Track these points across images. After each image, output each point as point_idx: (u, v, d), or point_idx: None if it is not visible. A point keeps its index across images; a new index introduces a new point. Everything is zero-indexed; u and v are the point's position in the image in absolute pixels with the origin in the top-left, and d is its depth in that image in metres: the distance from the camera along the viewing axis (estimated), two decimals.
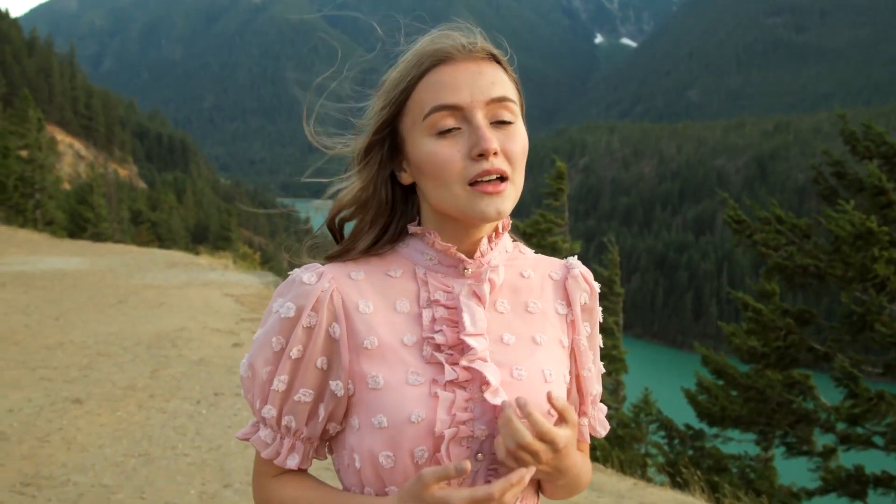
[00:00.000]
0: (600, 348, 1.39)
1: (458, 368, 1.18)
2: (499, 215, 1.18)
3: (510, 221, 1.31)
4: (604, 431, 1.39)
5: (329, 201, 1.35)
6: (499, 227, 1.28)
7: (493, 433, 1.18)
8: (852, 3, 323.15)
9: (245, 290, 12.68)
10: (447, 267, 1.25)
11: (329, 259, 1.28)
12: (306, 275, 1.22)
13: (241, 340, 8.92)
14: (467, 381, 1.18)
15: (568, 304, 1.34)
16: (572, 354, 1.34)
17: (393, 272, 1.26)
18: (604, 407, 1.40)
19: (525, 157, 1.22)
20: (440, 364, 1.19)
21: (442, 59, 1.19)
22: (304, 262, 1.28)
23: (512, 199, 1.20)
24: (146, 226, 54.78)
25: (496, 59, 1.23)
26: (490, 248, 1.26)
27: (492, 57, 1.22)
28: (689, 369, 13.40)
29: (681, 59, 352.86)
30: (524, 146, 1.21)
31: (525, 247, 1.37)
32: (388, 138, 1.24)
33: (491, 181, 1.16)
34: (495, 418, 1.17)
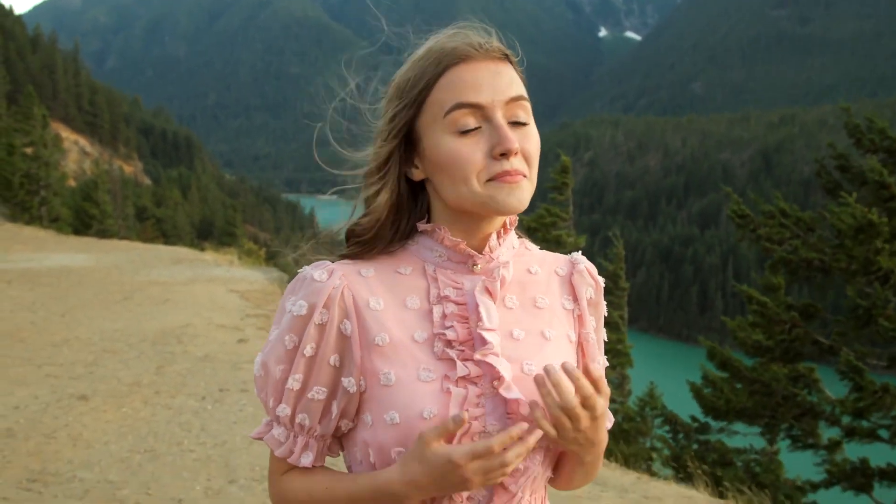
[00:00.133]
0: (604, 342, 1.40)
1: (469, 364, 1.19)
2: (520, 205, 1.18)
3: (517, 218, 1.31)
4: (608, 424, 1.39)
5: (332, 197, 1.35)
6: (507, 224, 1.29)
7: (505, 428, 1.18)
8: None
9: (250, 285, 12.71)
10: (456, 263, 1.25)
11: (346, 257, 1.28)
12: (317, 272, 1.22)
13: (246, 336, 8.93)
14: (479, 376, 1.19)
15: (574, 300, 1.35)
16: (580, 348, 1.35)
17: (403, 269, 1.26)
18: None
19: (539, 156, 1.23)
20: (451, 360, 1.19)
21: (461, 57, 1.19)
22: (315, 260, 1.28)
23: (529, 192, 1.21)
24: (151, 222, 54.78)
25: (508, 59, 1.23)
26: (498, 243, 1.27)
27: (505, 57, 1.23)
28: (694, 363, 13.40)
29: (685, 52, 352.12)
30: (538, 146, 1.22)
31: (530, 243, 1.38)
32: (404, 138, 1.24)
33: (511, 174, 1.17)
34: (507, 413, 1.18)
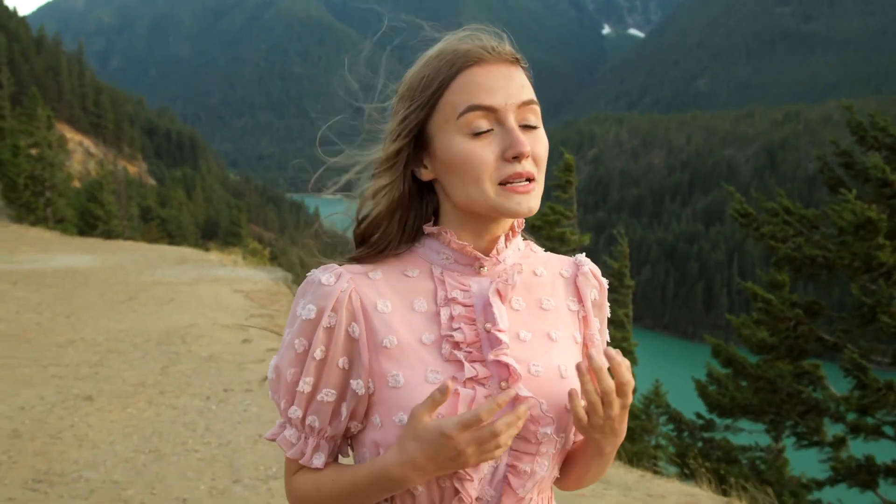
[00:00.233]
0: (609, 341, 1.42)
1: (477, 365, 1.20)
2: (529, 211, 1.20)
3: (524, 221, 1.32)
4: None
5: (336, 196, 1.36)
6: (514, 226, 1.30)
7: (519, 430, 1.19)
8: None
9: (254, 285, 12.72)
10: (463, 265, 1.27)
11: (352, 260, 1.29)
12: (325, 276, 1.23)
13: (251, 336, 8.95)
14: (486, 377, 1.20)
15: (579, 301, 1.36)
16: (586, 349, 1.36)
17: (410, 272, 1.27)
18: None
19: (546, 159, 1.24)
20: (459, 362, 1.20)
21: (474, 60, 1.20)
22: (321, 262, 1.29)
23: (539, 197, 1.22)
24: (156, 222, 54.91)
25: (519, 62, 1.25)
26: (505, 246, 1.28)
27: (516, 60, 1.24)
28: (699, 360, 13.39)
29: (689, 48, 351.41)
30: (547, 149, 1.24)
31: (535, 245, 1.39)
32: (414, 138, 1.25)
33: (521, 183, 1.19)
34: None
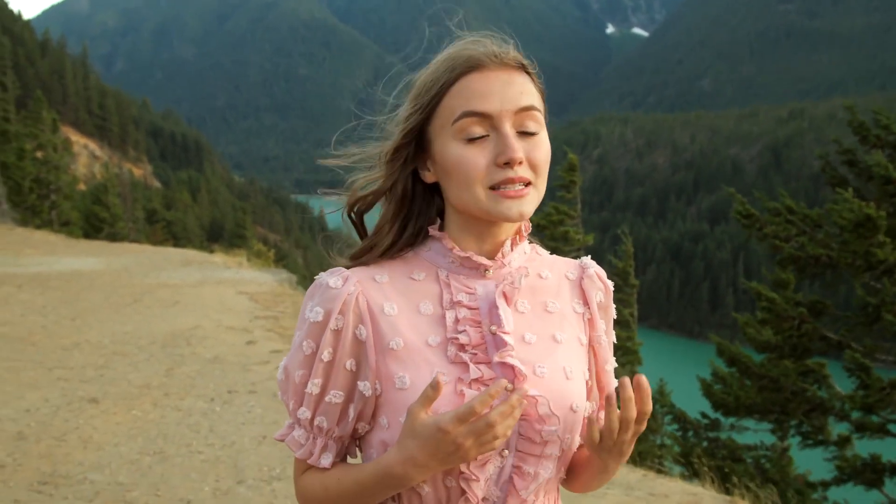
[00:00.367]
0: (614, 343, 1.42)
1: (482, 367, 1.21)
2: (521, 216, 1.21)
3: (531, 225, 1.34)
4: None
5: (339, 198, 1.38)
6: (521, 231, 1.31)
7: (516, 430, 1.21)
8: None
9: (259, 287, 12.73)
10: (469, 269, 1.28)
11: (354, 258, 1.32)
12: (332, 279, 1.25)
13: (255, 338, 8.97)
14: (491, 379, 1.21)
15: (585, 303, 1.37)
16: (592, 351, 1.37)
17: (416, 275, 1.29)
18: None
19: (548, 164, 1.25)
20: (465, 363, 1.21)
21: (474, 66, 1.21)
22: (330, 265, 1.32)
23: (534, 202, 1.23)
24: (161, 225, 54.94)
25: (525, 69, 1.25)
26: (511, 249, 1.29)
27: (521, 66, 1.25)
28: (705, 360, 13.37)
29: (693, 47, 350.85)
30: (548, 154, 1.24)
31: (541, 248, 1.41)
32: (415, 139, 1.27)
33: (513, 188, 1.20)
34: (521, 415, 1.20)
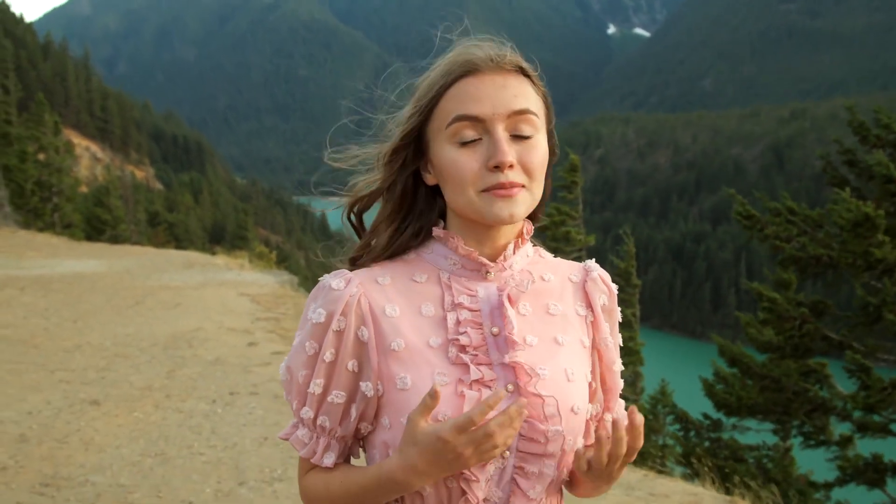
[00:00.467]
0: (620, 346, 1.43)
1: (483, 368, 1.22)
2: (511, 218, 1.21)
3: (533, 228, 1.35)
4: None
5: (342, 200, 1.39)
6: (523, 233, 1.32)
7: (520, 431, 1.22)
8: None
9: (260, 289, 12.74)
10: (470, 271, 1.29)
11: (352, 258, 1.33)
12: (335, 281, 1.26)
13: (256, 340, 8.98)
14: (492, 380, 1.22)
15: (588, 306, 1.37)
16: (598, 353, 1.37)
17: (418, 277, 1.29)
18: (623, 402, 1.45)
19: (544, 168, 1.25)
20: (465, 365, 1.22)
21: (470, 70, 1.22)
22: (334, 266, 1.33)
23: (527, 204, 1.23)
24: (163, 227, 54.97)
25: (524, 73, 1.25)
26: (513, 252, 1.30)
27: (520, 70, 1.25)
28: (708, 360, 13.38)
29: (694, 47, 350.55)
30: (543, 158, 1.24)
31: (545, 251, 1.41)
32: (415, 141, 1.29)
33: (504, 189, 1.20)
34: (520, 425, 1.21)
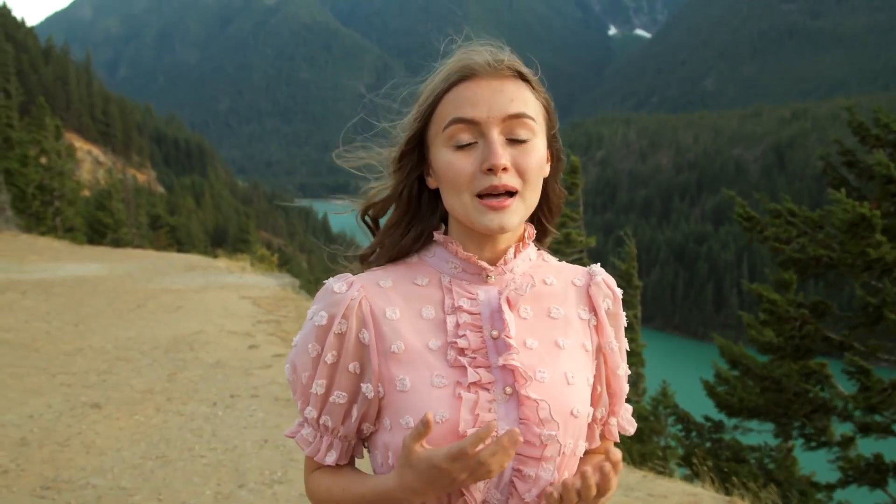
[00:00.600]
0: (627, 350, 1.43)
1: (481, 370, 1.23)
2: (502, 230, 1.22)
3: (535, 231, 1.36)
4: (632, 429, 1.43)
5: (344, 202, 1.43)
6: (525, 237, 1.33)
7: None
8: None
9: (262, 292, 12.75)
10: (471, 274, 1.30)
11: (362, 258, 1.37)
12: (337, 284, 1.28)
13: (258, 343, 8.99)
14: (490, 382, 1.23)
15: (591, 310, 1.38)
16: (602, 357, 1.37)
17: (419, 280, 1.31)
18: (629, 406, 1.45)
19: (540, 172, 1.26)
20: (464, 367, 1.23)
21: (467, 74, 1.24)
22: (338, 268, 1.36)
23: (520, 214, 1.24)
24: (165, 230, 54.97)
25: (523, 77, 1.26)
26: (514, 256, 1.31)
27: (518, 75, 1.26)
28: (710, 361, 13.37)
29: (695, 48, 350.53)
30: (539, 163, 1.25)
31: (548, 255, 1.42)
32: (418, 146, 1.31)
33: (498, 197, 1.21)
34: (519, 419, 1.23)
